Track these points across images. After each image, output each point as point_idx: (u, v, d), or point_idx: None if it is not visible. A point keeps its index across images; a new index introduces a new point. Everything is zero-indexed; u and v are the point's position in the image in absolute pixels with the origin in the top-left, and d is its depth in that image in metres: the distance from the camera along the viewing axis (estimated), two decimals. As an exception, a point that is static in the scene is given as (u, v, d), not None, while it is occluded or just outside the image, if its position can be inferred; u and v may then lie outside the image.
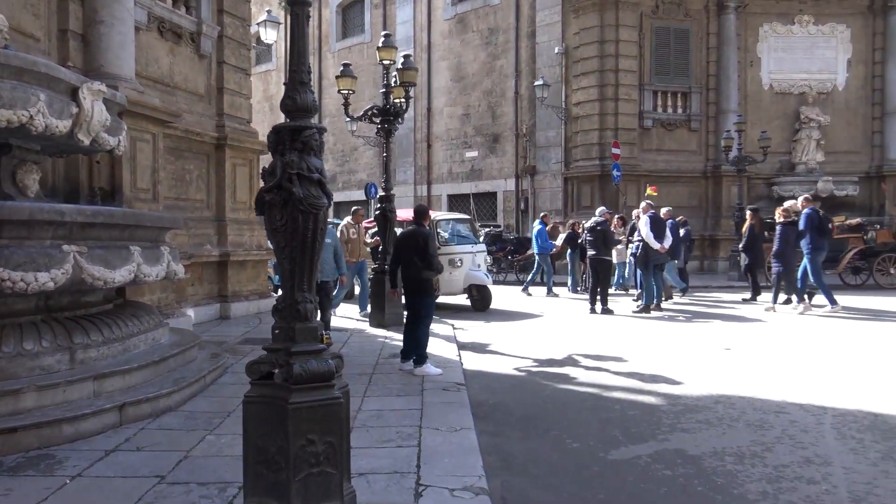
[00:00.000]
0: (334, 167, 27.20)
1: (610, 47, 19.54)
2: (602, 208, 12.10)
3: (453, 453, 4.27)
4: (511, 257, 17.65)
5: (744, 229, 13.33)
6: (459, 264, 11.41)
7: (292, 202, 2.88)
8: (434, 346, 7.82)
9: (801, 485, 3.82)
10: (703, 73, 20.71)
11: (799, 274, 11.25)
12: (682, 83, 20.58)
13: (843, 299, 11.53)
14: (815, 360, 7.22)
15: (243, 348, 7.52)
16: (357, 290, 11.51)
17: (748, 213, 13.47)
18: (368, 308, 10.17)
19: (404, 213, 13.69)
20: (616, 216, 14.07)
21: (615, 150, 18.13)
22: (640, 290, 11.66)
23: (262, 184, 3.03)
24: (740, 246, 13.47)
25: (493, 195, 22.52)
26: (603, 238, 11.32)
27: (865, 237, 15.18)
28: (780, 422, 5.00)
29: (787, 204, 12.27)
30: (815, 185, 19.74)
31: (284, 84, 3.10)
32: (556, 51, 20.48)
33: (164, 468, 3.88)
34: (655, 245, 10.92)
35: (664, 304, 11.55)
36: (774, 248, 11.28)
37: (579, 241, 13.43)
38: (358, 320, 10.25)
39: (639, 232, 11.22)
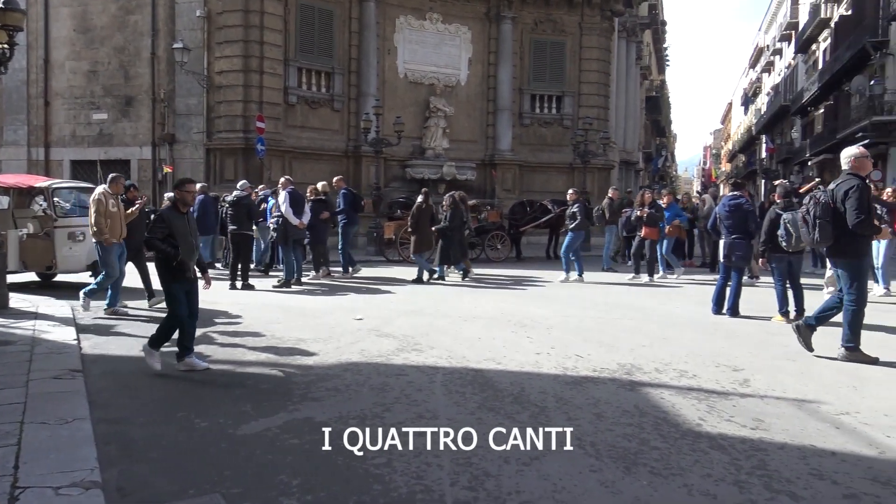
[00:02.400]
0: (-84, 119, 22.33)
1: (255, 18, 19.20)
2: (244, 182, 11.88)
3: (62, 447, 3.87)
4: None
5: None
6: (81, 238, 10.28)
7: None
8: (49, 331, 7.00)
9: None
10: (346, 56, 21.55)
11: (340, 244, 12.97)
12: (325, 63, 21.15)
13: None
14: (430, 324, 8.06)
15: None
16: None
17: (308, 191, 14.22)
18: (109, 299, 8.65)
19: (10, 179, 11.86)
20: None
21: (259, 124, 17.95)
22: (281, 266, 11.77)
23: None
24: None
25: (125, 163, 20.62)
26: (246, 212, 11.16)
27: (480, 217, 17.29)
28: (400, 383, 5.49)
29: (319, 185, 13.08)
30: (441, 169, 21.94)
31: None
32: (198, 14, 19.47)
33: None
34: (294, 220, 11.11)
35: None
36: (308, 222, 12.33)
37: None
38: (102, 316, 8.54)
39: (278, 207, 11.28)
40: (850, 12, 31.86)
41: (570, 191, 13.42)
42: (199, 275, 6.17)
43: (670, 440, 4.24)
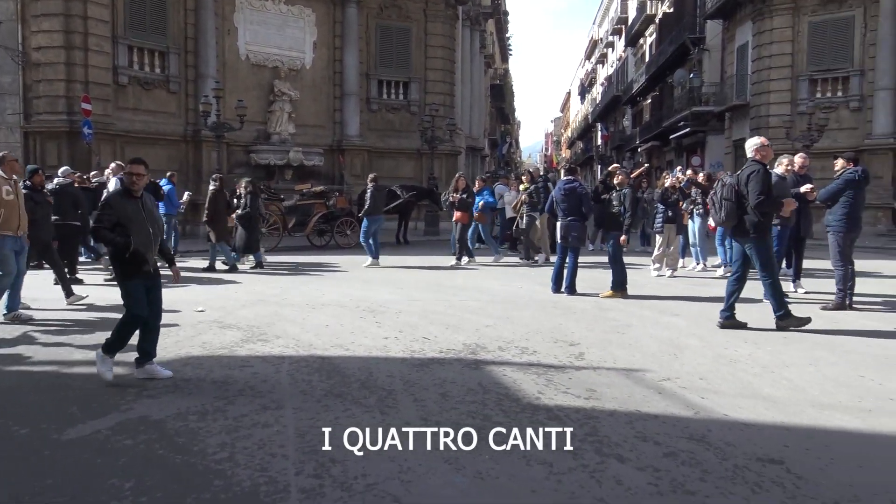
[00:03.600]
0: None
1: (77, -10, 17.68)
2: (66, 168, 10.97)
3: None
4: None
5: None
6: None
7: None
8: None
9: (256, 430, 4.14)
10: (182, 35, 20.42)
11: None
12: (159, 42, 19.94)
13: (307, 258, 12.79)
14: (276, 313, 7.88)
15: None
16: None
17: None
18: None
19: None
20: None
21: (85, 106, 16.62)
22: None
23: None
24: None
25: (-74, 147, 18.45)
26: (72, 201, 10.33)
27: (328, 203, 17.07)
28: (244, 375, 5.33)
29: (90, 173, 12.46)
30: (287, 155, 21.45)
31: None
32: (9, -17, 17.65)
33: None
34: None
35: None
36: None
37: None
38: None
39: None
40: (672, 10, 34.43)
41: (370, 175, 13.53)
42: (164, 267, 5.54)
43: (511, 414, 4.42)
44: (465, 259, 13.26)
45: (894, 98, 22.08)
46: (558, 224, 9.60)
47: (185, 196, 14.79)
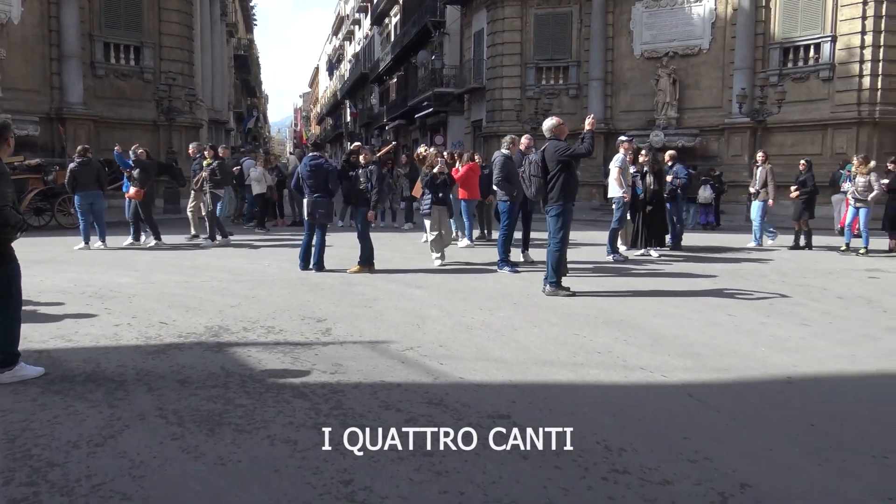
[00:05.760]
0: None
1: None
2: None
3: None
4: None
5: None
6: None
7: None
8: None
9: (-48, 440, 3.60)
10: None
11: None
12: None
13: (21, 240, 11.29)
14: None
15: None
16: None
17: None
18: None
19: None
20: None
21: None
22: None
23: None
24: None
25: None
26: None
27: (46, 178, 15.20)
28: None
29: None
30: (-8, 122, 18.64)
31: None
32: None
33: None
34: None
35: None
36: None
37: None
38: None
39: None
40: (414, -8, 35.54)
41: (79, 147, 12.17)
42: None
43: (255, 395, 4.32)
44: (143, 238, 12.31)
45: (604, 87, 25.01)
46: (305, 201, 9.51)
47: None
